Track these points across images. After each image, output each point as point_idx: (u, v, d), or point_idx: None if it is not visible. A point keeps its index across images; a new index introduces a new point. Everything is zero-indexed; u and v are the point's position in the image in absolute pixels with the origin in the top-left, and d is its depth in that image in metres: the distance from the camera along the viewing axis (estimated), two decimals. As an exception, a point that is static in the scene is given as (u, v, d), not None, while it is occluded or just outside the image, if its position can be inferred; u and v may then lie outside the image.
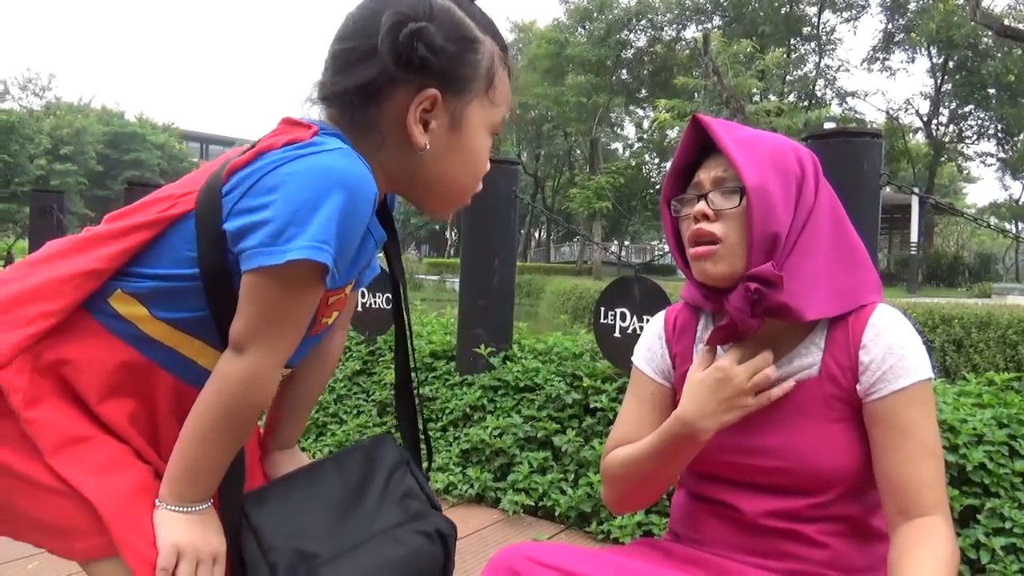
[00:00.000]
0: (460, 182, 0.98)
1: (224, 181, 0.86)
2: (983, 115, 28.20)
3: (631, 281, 2.66)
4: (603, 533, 2.28)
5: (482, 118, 0.95)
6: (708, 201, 1.05)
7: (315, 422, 3.26)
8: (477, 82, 0.92)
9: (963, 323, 8.32)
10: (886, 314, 1.03)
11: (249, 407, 0.88)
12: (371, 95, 0.88)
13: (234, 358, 0.86)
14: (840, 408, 1.02)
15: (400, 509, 1.01)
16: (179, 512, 0.88)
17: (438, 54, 0.86)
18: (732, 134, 1.05)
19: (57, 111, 41.37)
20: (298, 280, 0.83)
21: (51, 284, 0.87)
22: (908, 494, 0.96)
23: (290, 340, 0.88)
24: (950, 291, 18.90)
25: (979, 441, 1.92)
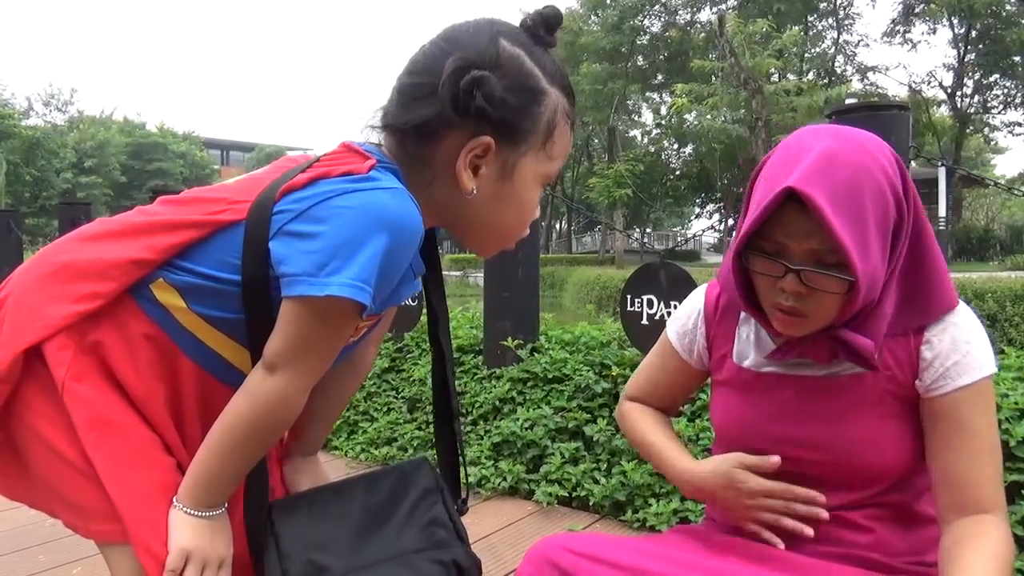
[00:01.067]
0: (505, 228, 0.98)
1: (277, 199, 0.88)
2: (1009, 84, 27.60)
3: (657, 267, 2.64)
4: (639, 521, 2.27)
5: (535, 170, 0.94)
6: (801, 279, 0.92)
7: (346, 420, 3.28)
8: (536, 135, 0.91)
9: (996, 297, 8.18)
10: (953, 308, 0.99)
11: (275, 424, 0.91)
12: (426, 134, 0.89)
13: (266, 376, 0.88)
14: (894, 404, 0.99)
15: (423, 535, 1.01)
16: (193, 516, 0.90)
17: (496, 105, 0.86)
18: (832, 193, 0.87)
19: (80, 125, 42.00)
20: (335, 314, 0.85)
21: (102, 265, 0.90)
22: (965, 492, 0.94)
23: (321, 365, 0.91)
24: (981, 265, 18.58)
25: (1022, 415, 1.87)
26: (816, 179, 0.88)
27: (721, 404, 1.13)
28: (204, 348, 0.94)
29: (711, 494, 1.08)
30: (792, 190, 0.87)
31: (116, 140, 41.73)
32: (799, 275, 0.92)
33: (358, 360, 1.17)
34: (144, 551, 0.88)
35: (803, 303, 0.94)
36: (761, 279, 0.98)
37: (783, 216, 0.91)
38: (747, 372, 1.09)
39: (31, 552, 2.14)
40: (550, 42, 0.93)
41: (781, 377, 1.05)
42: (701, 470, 1.08)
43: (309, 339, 0.87)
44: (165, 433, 0.93)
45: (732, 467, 1.05)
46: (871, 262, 0.90)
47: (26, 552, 2.14)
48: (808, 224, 0.89)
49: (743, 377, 1.09)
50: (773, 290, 0.95)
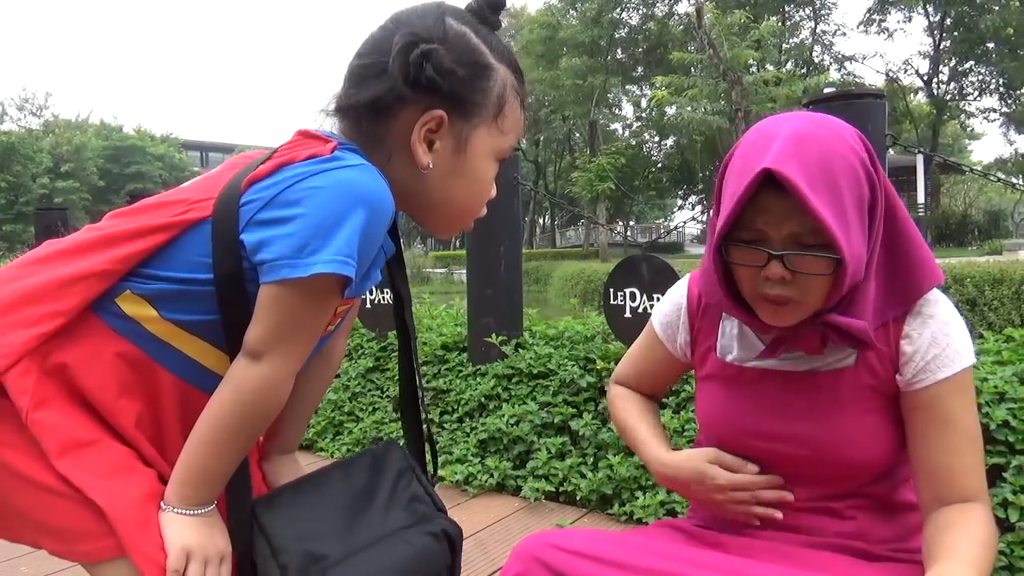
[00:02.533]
0: (463, 204, 1.00)
1: (243, 191, 0.87)
2: (984, 70, 27.93)
3: (639, 260, 2.64)
4: (626, 514, 2.28)
5: (488, 144, 0.96)
6: (785, 264, 0.91)
7: (331, 421, 3.26)
8: (486, 108, 0.93)
9: (976, 282, 8.27)
10: (929, 298, 0.99)
11: (263, 413, 0.90)
12: (380, 111, 0.90)
13: (251, 365, 0.87)
14: (875, 399, 0.99)
15: (408, 512, 1.02)
16: (185, 515, 0.89)
17: (446, 76, 0.88)
18: (806, 172, 0.87)
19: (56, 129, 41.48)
20: (320, 292, 0.85)
21: (60, 283, 0.87)
22: (948, 482, 0.94)
23: (306, 348, 0.90)
24: (960, 250, 18.79)
25: (1001, 399, 1.89)
26: (789, 159, 0.87)
27: (705, 399, 1.13)
28: (180, 356, 0.92)
29: (683, 486, 1.11)
30: (768, 171, 0.86)
31: (93, 144, 41.27)
32: (783, 260, 0.90)
33: (330, 352, 1.17)
34: (142, 558, 0.85)
35: (789, 289, 0.92)
36: (743, 271, 0.96)
37: (760, 202, 0.90)
38: (731, 367, 1.09)
39: (13, 564, 2.11)
40: (495, 23, 0.96)
41: (764, 372, 1.05)
42: (674, 462, 1.11)
43: (293, 322, 0.86)
44: (142, 448, 0.91)
45: (705, 462, 1.07)
46: (853, 239, 0.89)
47: (8, 564, 2.11)
48: (786, 206, 0.88)
49: (727, 372, 1.10)
50: (757, 280, 0.94)
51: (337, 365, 1.22)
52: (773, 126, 0.93)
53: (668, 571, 0.94)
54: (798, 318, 0.95)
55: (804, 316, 0.95)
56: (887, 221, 0.96)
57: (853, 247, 0.89)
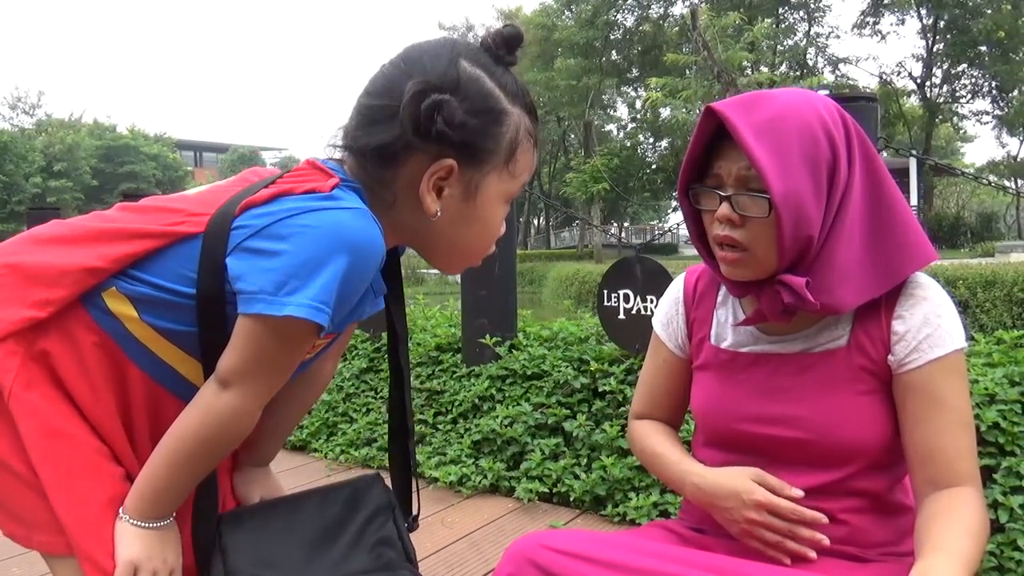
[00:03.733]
0: (471, 247, 0.98)
1: (237, 214, 0.87)
2: (976, 73, 28.02)
3: (632, 262, 2.65)
4: (619, 515, 2.28)
5: (498, 189, 0.94)
6: (733, 204, 0.97)
7: (325, 422, 3.26)
8: (498, 154, 0.91)
9: (968, 284, 8.31)
10: (922, 281, 1.00)
11: (226, 440, 0.91)
12: (388, 157, 0.89)
13: (219, 392, 0.87)
14: (868, 380, 1.00)
15: (371, 556, 1.00)
16: (140, 527, 0.89)
17: (457, 128, 0.86)
18: (752, 118, 0.94)
19: (48, 128, 41.26)
20: (292, 334, 0.85)
21: (54, 272, 0.88)
22: (940, 465, 0.94)
23: (276, 383, 0.91)
24: (953, 252, 18.86)
25: (992, 400, 1.91)
26: (739, 107, 0.95)
27: (700, 388, 1.14)
28: (155, 359, 0.92)
29: (715, 500, 1.04)
30: (711, 110, 0.95)
31: (86, 143, 41.08)
32: (731, 202, 0.97)
33: (315, 374, 1.16)
34: (90, 564, 0.87)
35: (738, 233, 0.97)
36: (707, 217, 1.03)
37: (720, 149, 0.99)
38: (724, 353, 1.10)
39: (5, 565, 2.10)
40: (511, 61, 0.93)
41: (758, 356, 1.06)
42: (714, 476, 1.06)
43: (264, 357, 0.86)
44: (115, 443, 0.92)
45: (747, 478, 1.02)
46: (791, 185, 0.92)
47: (1, 564, 2.10)
48: (736, 151, 0.96)
49: (721, 358, 1.11)
50: (714, 224, 1.00)
51: (323, 387, 1.22)
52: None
53: (660, 572, 0.94)
54: (752, 269, 0.99)
55: (759, 269, 0.99)
56: (870, 196, 0.98)
57: (790, 194, 0.92)
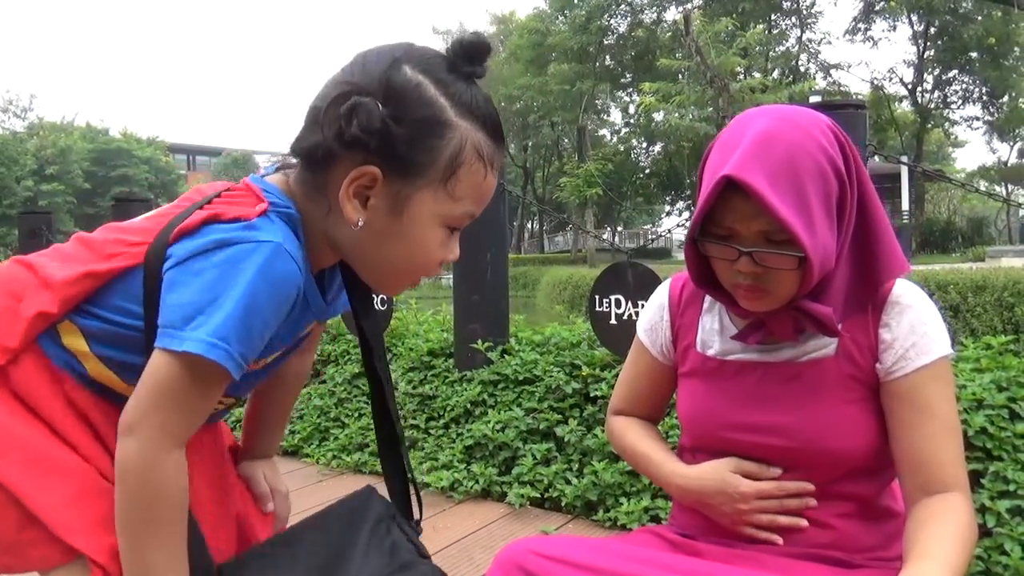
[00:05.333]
0: (399, 266, 0.92)
1: (171, 242, 0.85)
2: (967, 79, 28.20)
3: (624, 267, 2.66)
4: (610, 521, 2.28)
5: (433, 209, 0.86)
6: (755, 260, 0.95)
7: (317, 427, 3.25)
8: (433, 169, 0.84)
9: (959, 288, 8.35)
10: (907, 290, 1.01)
11: (158, 497, 0.83)
12: (316, 162, 0.86)
13: (124, 441, 0.82)
14: (856, 388, 1.01)
15: (388, 559, 0.98)
16: None
17: (374, 134, 0.81)
18: (768, 172, 0.89)
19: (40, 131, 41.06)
20: (195, 372, 0.81)
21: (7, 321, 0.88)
22: (928, 471, 0.95)
23: (184, 426, 0.84)
24: (944, 257, 18.95)
25: (979, 406, 1.92)
26: (752, 163, 0.90)
27: (686, 395, 1.14)
28: (114, 394, 0.91)
29: (701, 498, 1.07)
30: (729, 178, 0.90)
31: (78, 146, 40.90)
32: (752, 256, 0.94)
33: (289, 371, 1.15)
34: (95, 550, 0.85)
35: (762, 281, 0.96)
36: (718, 263, 1.01)
37: (728, 202, 0.93)
38: (711, 360, 1.11)
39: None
40: (470, 72, 0.86)
41: (745, 364, 1.07)
42: (696, 474, 1.09)
43: (167, 394, 0.81)
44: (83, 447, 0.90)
45: (727, 471, 1.05)
46: (818, 236, 0.92)
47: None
48: (752, 207, 0.91)
49: (707, 366, 1.11)
50: (731, 272, 0.98)
51: (302, 379, 1.20)
52: (744, 123, 0.96)
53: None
54: (772, 305, 0.99)
55: (779, 304, 0.98)
56: (859, 213, 0.98)
57: (818, 243, 0.91)
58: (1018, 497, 1.77)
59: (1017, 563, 1.69)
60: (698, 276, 1.05)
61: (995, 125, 29.55)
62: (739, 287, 0.99)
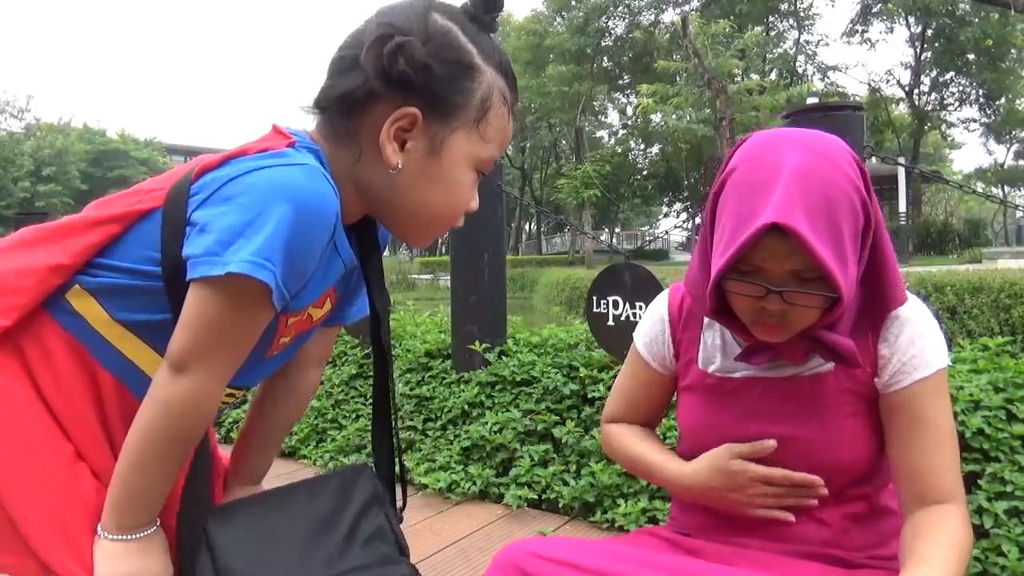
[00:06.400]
0: (434, 211, 0.92)
1: (194, 180, 0.85)
2: (964, 81, 28.26)
3: (621, 269, 2.66)
4: (608, 522, 2.28)
5: (467, 150, 0.89)
6: (785, 299, 0.93)
7: (314, 428, 3.25)
8: (467, 111, 0.87)
9: (956, 290, 8.34)
10: (906, 303, 1.01)
11: (191, 430, 0.85)
12: (352, 105, 0.86)
13: (175, 379, 0.82)
14: (855, 401, 1.02)
15: (367, 552, 0.97)
16: (119, 541, 0.85)
17: (420, 71, 0.82)
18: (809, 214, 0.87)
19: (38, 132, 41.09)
20: (239, 297, 0.80)
21: (16, 275, 0.86)
22: (925, 482, 0.96)
23: (234, 358, 0.85)
24: (941, 258, 18.97)
25: (976, 407, 1.92)
26: (794, 207, 0.87)
27: (688, 409, 1.14)
28: (124, 362, 0.89)
29: (708, 491, 1.06)
30: (775, 224, 0.87)
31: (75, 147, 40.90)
32: (781, 295, 0.92)
33: (299, 383, 1.14)
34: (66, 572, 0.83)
35: (785, 316, 0.95)
36: (739, 298, 0.97)
37: (762, 241, 0.90)
38: (712, 377, 1.10)
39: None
40: (487, 22, 0.90)
41: (747, 380, 1.07)
42: (694, 469, 1.08)
43: (216, 328, 0.80)
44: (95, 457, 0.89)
45: (728, 460, 1.04)
46: (849, 275, 0.91)
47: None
48: (787, 247, 0.89)
49: (708, 382, 1.11)
50: (754, 308, 0.96)
51: (307, 399, 1.18)
52: (774, 157, 0.91)
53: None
54: (790, 335, 0.98)
55: (795, 333, 0.98)
56: (871, 249, 0.97)
57: (849, 282, 0.91)
58: (1015, 498, 1.77)
59: (1014, 564, 1.69)
60: (715, 309, 1.01)
61: (992, 127, 29.62)
62: (760, 323, 0.97)
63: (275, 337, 0.94)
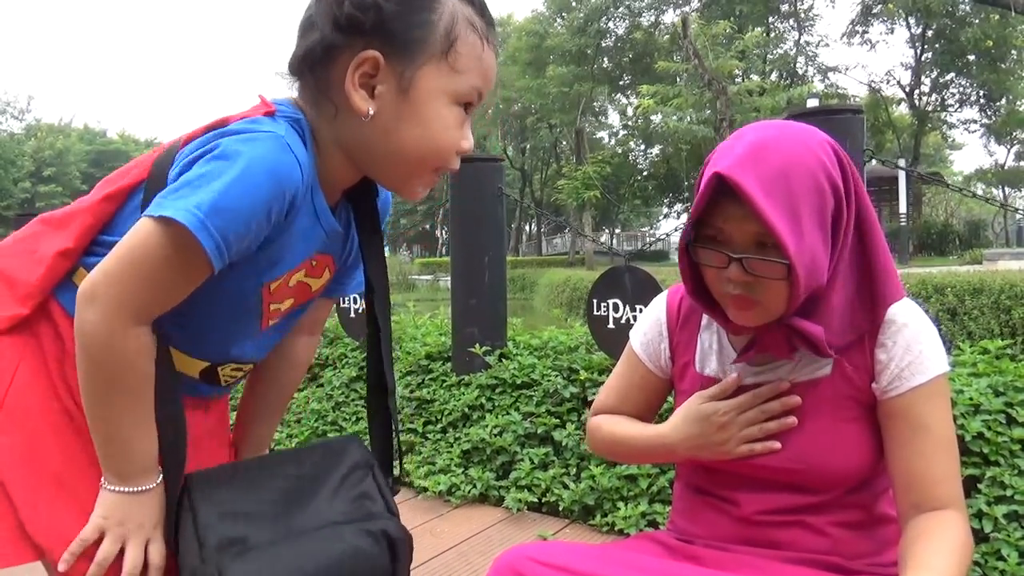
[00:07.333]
0: (417, 152, 0.89)
1: (180, 147, 0.87)
2: (964, 82, 28.24)
3: (621, 271, 2.66)
4: (608, 525, 2.28)
5: (439, 84, 0.87)
6: (744, 267, 0.94)
7: (314, 431, 3.25)
8: (430, 45, 0.85)
9: (956, 291, 8.34)
10: (902, 309, 1.01)
11: (120, 367, 0.83)
12: (315, 62, 0.86)
13: (85, 308, 0.80)
14: (853, 407, 1.02)
15: (353, 507, 0.96)
16: (114, 492, 0.87)
17: (369, 10, 0.81)
18: (760, 174, 0.90)
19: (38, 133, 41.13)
20: (170, 241, 0.79)
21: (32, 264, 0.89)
22: (924, 489, 0.96)
23: (147, 301, 0.82)
24: (942, 259, 18.95)
25: (976, 411, 1.92)
26: (745, 165, 0.90)
27: None
28: None
29: (689, 440, 1.07)
30: (720, 176, 0.90)
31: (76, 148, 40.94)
32: (742, 263, 0.94)
33: (290, 355, 1.15)
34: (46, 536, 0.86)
35: (751, 290, 0.96)
36: (710, 272, 1.00)
37: (722, 205, 0.94)
38: (709, 380, 1.11)
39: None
40: None
41: (744, 385, 1.07)
42: (672, 425, 1.09)
43: (135, 263, 0.79)
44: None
45: (699, 405, 1.06)
46: (806, 244, 0.91)
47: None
48: (743, 210, 0.91)
49: (705, 386, 1.11)
50: (721, 280, 0.98)
51: (303, 366, 1.20)
52: (747, 131, 0.97)
53: (646, 585, 0.95)
54: (762, 319, 0.98)
55: (769, 318, 0.98)
56: (860, 236, 0.98)
57: (805, 252, 0.91)
58: (1015, 502, 1.77)
59: (1014, 568, 1.69)
60: (693, 287, 1.05)
61: (992, 128, 29.61)
62: (729, 297, 0.98)
63: (263, 306, 0.94)
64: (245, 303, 0.93)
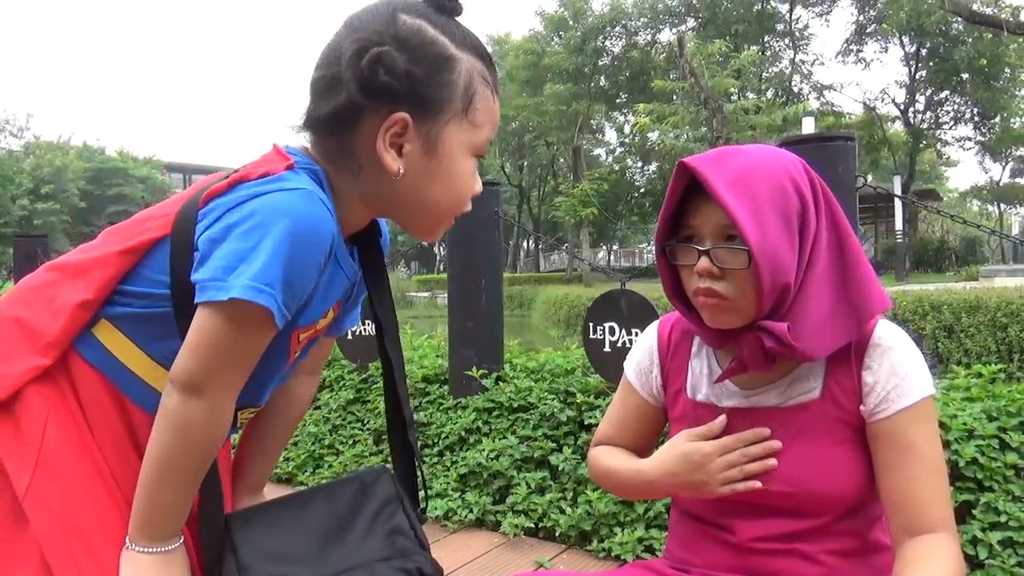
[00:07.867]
0: (441, 206, 0.95)
1: (201, 206, 0.88)
2: (959, 100, 28.38)
3: (617, 295, 2.68)
4: (605, 551, 2.28)
5: (461, 140, 0.91)
6: (712, 257, 0.99)
7: (311, 454, 3.25)
8: (453, 103, 0.89)
9: (953, 309, 8.35)
10: (888, 332, 1.03)
11: (212, 448, 0.88)
12: (342, 123, 0.88)
13: (189, 402, 0.84)
14: (842, 430, 1.02)
15: (386, 544, 0.99)
16: (145, 553, 0.87)
17: (401, 78, 0.84)
18: (724, 172, 0.97)
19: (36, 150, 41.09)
20: (243, 321, 0.83)
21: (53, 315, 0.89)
22: (913, 512, 0.97)
23: (241, 378, 0.88)
24: (938, 276, 18.98)
25: (970, 436, 1.93)
26: (710, 162, 0.98)
27: None
28: (152, 393, 0.91)
29: (672, 477, 1.08)
30: (684, 165, 0.98)
31: (74, 165, 40.90)
32: (709, 255, 0.99)
33: (293, 395, 1.16)
34: None
35: (719, 284, 0.99)
36: (684, 272, 1.05)
37: (695, 204, 1.02)
38: (701, 406, 1.12)
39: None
40: (453, 9, 0.91)
41: (734, 410, 1.08)
42: (658, 459, 1.11)
43: (226, 349, 0.84)
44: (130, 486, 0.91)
45: (684, 443, 1.07)
46: (768, 237, 0.95)
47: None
48: (711, 204, 0.98)
49: (697, 412, 1.12)
50: (693, 278, 1.02)
51: (304, 407, 1.21)
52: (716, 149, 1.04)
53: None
54: (734, 318, 1.01)
55: (741, 318, 1.01)
56: (836, 248, 1.01)
57: (767, 243, 0.95)
58: (1009, 528, 1.77)
59: (1009, 595, 1.69)
60: (671, 290, 1.09)
61: (987, 145, 29.73)
62: (699, 292, 1.01)
63: (290, 353, 0.98)
64: (281, 351, 0.96)
